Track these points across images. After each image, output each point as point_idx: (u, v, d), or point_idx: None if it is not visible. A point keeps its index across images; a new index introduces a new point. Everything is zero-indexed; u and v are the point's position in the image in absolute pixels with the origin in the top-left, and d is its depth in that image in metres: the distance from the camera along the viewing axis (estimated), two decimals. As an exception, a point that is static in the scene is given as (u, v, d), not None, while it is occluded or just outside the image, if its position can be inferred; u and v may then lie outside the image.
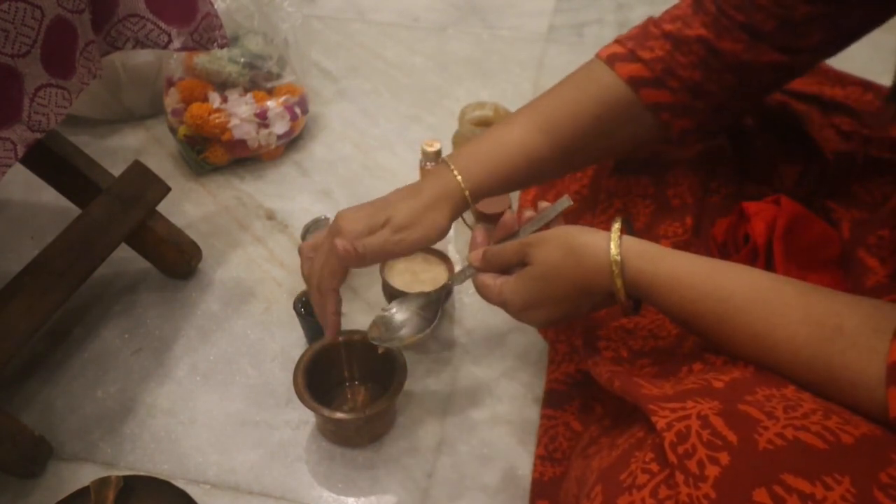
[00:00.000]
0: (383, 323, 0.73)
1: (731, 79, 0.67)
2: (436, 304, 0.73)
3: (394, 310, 0.74)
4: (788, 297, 0.52)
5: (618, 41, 0.71)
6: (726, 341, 0.55)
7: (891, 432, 0.44)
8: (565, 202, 0.67)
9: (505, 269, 0.66)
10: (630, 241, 0.58)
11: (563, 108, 0.71)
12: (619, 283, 0.57)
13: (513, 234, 0.68)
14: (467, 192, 0.69)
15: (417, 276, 0.91)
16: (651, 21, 0.70)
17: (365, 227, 0.68)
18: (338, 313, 0.73)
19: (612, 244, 0.58)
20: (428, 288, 0.88)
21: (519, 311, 0.64)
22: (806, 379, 0.50)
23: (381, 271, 0.90)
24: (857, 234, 0.68)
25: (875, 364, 0.47)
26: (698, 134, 0.73)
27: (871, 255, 0.65)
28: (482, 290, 0.67)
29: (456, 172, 0.69)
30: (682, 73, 0.67)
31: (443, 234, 0.69)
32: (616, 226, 0.59)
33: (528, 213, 0.69)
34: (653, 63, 0.68)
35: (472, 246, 0.69)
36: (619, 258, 0.57)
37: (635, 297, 0.59)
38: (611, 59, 0.70)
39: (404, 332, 0.72)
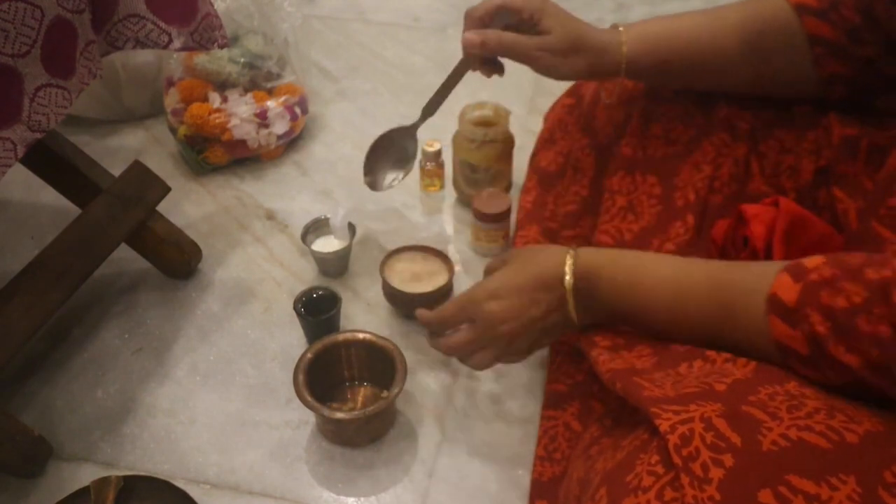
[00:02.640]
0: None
1: (881, 35, 0.69)
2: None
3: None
4: (694, 267, 0.63)
5: None
6: (646, 314, 0.63)
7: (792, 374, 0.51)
8: None
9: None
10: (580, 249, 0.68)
11: (732, 12, 0.75)
12: (569, 270, 0.66)
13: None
14: (625, 47, 0.76)
15: (417, 275, 0.91)
16: None
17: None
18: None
19: (566, 253, 0.67)
20: (428, 288, 0.88)
21: (485, 300, 0.70)
22: (713, 332, 0.59)
23: (381, 271, 0.90)
24: (869, 207, 0.69)
25: (761, 302, 0.55)
26: (847, 86, 0.73)
27: (885, 226, 0.66)
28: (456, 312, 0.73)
29: (621, 28, 0.77)
30: (845, 11, 0.69)
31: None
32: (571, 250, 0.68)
33: None
34: None
35: None
36: (573, 251, 0.67)
37: (584, 298, 0.66)
38: None
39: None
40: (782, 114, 0.78)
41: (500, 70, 0.83)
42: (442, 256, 0.92)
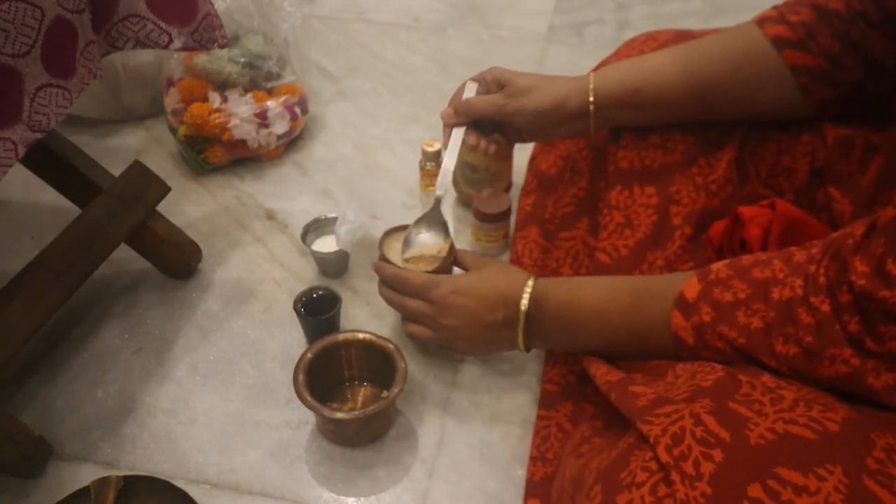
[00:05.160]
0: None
1: (862, 59, 0.69)
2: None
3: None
4: (622, 281, 0.69)
5: (773, 7, 0.75)
6: (579, 328, 0.69)
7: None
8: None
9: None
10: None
11: (707, 49, 0.77)
12: (527, 296, 0.72)
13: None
14: (591, 86, 0.79)
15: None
16: None
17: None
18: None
19: (528, 279, 0.73)
20: (429, 267, 0.84)
21: (449, 292, 0.75)
22: (633, 340, 0.65)
23: (380, 247, 0.86)
24: (861, 208, 0.70)
25: (668, 304, 0.61)
26: (840, 108, 0.73)
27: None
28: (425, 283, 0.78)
29: (591, 77, 0.80)
30: (822, 40, 0.70)
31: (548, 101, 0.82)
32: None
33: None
34: (797, 26, 0.71)
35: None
36: (533, 279, 0.73)
37: (533, 323, 0.72)
38: (761, 21, 0.74)
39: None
40: None
41: (496, 134, 0.89)
42: (444, 234, 0.88)
